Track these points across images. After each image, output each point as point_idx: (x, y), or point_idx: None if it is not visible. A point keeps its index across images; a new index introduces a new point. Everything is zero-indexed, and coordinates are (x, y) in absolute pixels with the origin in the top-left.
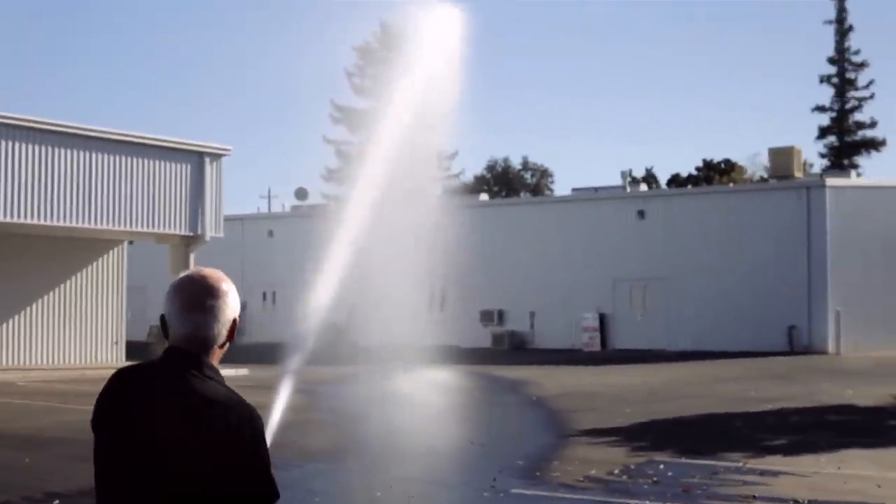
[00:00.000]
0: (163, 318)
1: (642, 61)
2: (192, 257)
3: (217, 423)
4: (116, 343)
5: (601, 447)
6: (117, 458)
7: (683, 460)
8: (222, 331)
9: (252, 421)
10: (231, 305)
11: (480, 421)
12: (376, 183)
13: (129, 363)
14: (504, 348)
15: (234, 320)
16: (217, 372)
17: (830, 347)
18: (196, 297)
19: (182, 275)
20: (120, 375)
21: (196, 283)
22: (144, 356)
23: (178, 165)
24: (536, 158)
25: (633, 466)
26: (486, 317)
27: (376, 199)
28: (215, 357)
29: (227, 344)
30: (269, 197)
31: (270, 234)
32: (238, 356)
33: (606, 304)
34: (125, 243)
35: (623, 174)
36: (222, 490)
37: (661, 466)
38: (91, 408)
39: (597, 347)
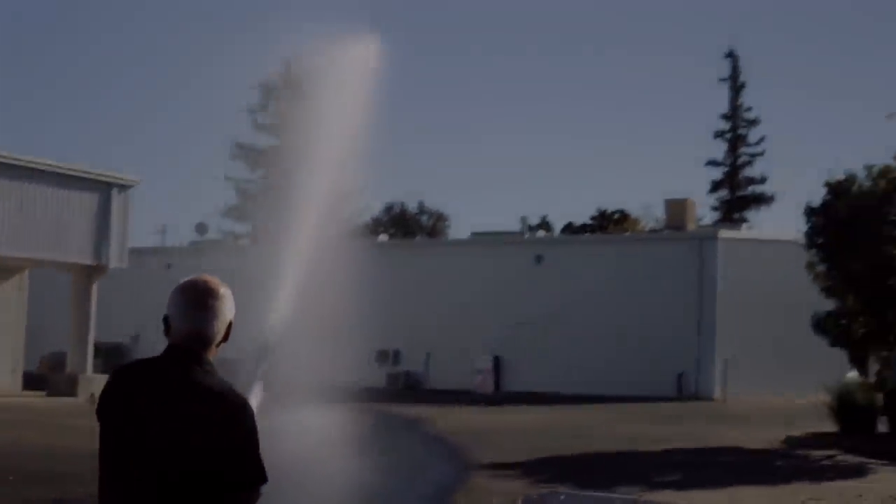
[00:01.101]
0: (166, 318)
1: (539, 109)
2: (94, 287)
3: (215, 411)
4: (14, 371)
5: (501, 480)
6: (121, 444)
7: (582, 493)
8: (221, 329)
9: (245, 409)
10: (229, 307)
11: (383, 455)
12: (279, 221)
13: (28, 392)
14: (399, 388)
15: (230, 322)
16: (213, 367)
17: (717, 394)
18: (198, 297)
19: (185, 279)
20: (123, 369)
21: (199, 285)
22: (43, 385)
23: (85, 194)
24: (432, 203)
25: (534, 497)
26: (382, 357)
27: (279, 237)
28: (212, 354)
29: (223, 343)
30: (163, 231)
31: (168, 267)
32: None
33: (501, 347)
34: (26, 272)
35: (522, 220)
36: (218, 472)
37: (562, 497)
38: None
39: (490, 389)
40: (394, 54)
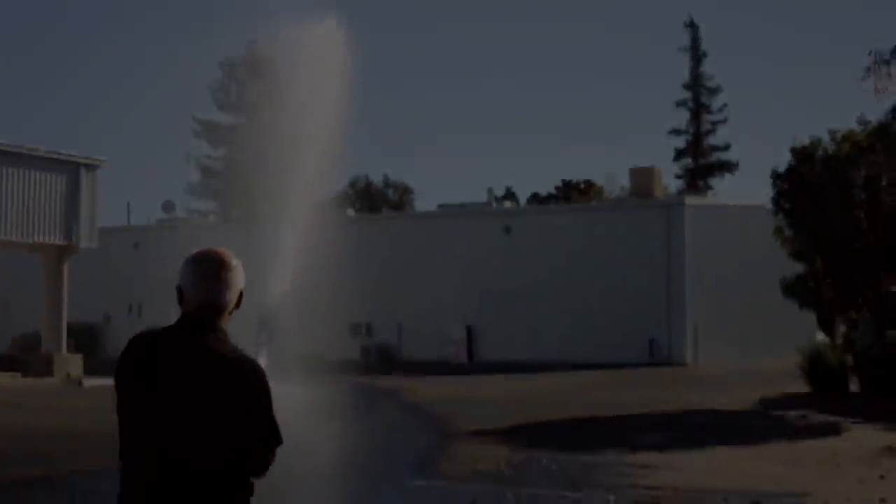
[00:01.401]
0: (178, 288)
1: (501, 82)
2: (65, 268)
3: (229, 376)
4: None
5: (484, 446)
6: (138, 410)
7: (564, 456)
8: (233, 298)
9: (257, 373)
10: (239, 277)
11: (367, 424)
12: (250, 197)
13: (1, 373)
14: (372, 360)
15: (241, 291)
16: (226, 334)
17: (689, 359)
18: (211, 269)
19: (196, 252)
20: (139, 337)
21: (210, 257)
22: (15, 366)
23: (54, 175)
24: (396, 176)
25: (516, 462)
26: (355, 329)
27: (250, 213)
28: (224, 322)
29: (234, 311)
30: (128, 210)
31: (136, 246)
32: (103, 368)
33: (473, 317)
34: None
35: (489, 191)
36: (234, 435)
37: (545, 461)
38: None
39: (464, 359)
40: (357, 29)
